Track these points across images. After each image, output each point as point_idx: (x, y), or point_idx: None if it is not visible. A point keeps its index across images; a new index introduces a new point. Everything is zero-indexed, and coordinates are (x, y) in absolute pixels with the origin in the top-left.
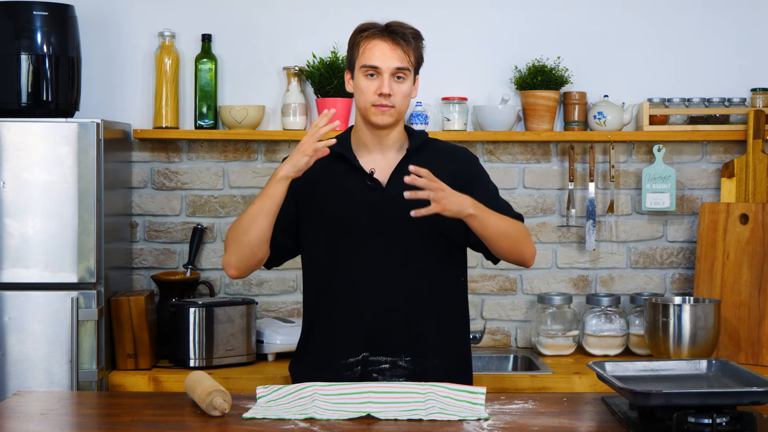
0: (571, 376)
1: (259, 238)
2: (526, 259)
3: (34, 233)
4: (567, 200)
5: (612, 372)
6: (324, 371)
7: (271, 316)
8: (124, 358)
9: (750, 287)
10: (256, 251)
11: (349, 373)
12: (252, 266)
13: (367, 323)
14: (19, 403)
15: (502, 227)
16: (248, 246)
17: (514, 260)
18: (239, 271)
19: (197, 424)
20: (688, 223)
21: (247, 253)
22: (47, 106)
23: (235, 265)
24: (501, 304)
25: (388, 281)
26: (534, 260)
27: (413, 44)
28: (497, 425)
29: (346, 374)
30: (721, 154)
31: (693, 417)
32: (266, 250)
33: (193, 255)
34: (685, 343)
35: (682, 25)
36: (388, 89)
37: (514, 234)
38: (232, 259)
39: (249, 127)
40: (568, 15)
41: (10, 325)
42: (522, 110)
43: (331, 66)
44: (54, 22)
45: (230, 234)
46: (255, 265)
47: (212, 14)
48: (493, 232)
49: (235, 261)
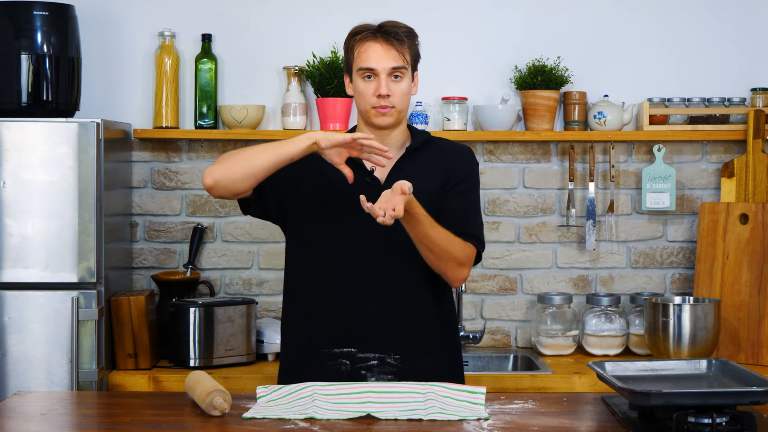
0: (571, 376)
1: (253, 171)
2: (448, 278)
3: (34, 233)
4: (567, 200)
5: (612, 372)
6: (310, 362)
7: (271, 316)
8: (124, 358)
9: (750, 287)
10: (243, 180)
11: (333, 363)
12: (228, 190)
13: (357, 320)
14: (19, 403)
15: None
16: (240, 171)
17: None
18: (216, 186)
19: (197, 424)
20: (688, 223)
21: (235, 177)
22: (47, 106)
23: (217, 179)
24: (501, 304)
25: (380, 278)
26: (459, 285)
27: (407, 42)
28: (497, 425)
29: (330, 364)
30: (721, 153)
31: (693, 417)
32: (248, 188)
33: (193, 255)
34: (685, 343)
35: (683, 25)
36: (386, 90)
37: (441, 252)
38: (217, 173)
39: (249, 127)
40: (568, 15)
41: (10, 325)
42: (522, 110)
43: (331, 66)
44: (54, 22)
45: (230, 155)
46: (231, 192)
47: (212, 14)
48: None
49: (219, 176)
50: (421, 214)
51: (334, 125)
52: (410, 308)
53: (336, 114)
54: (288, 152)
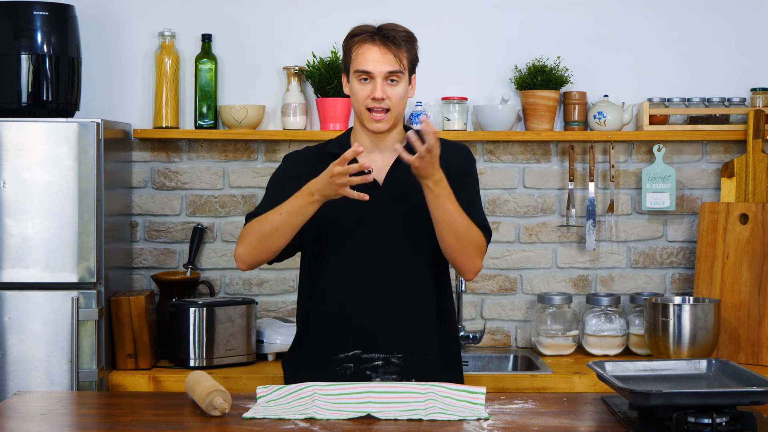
0: (571, 376)
1: (279, 247)
2: (465, 269)
3: (34, 233)
4: (567, 200)
5: (612, 372)
6: (317, 367)
7: (271, 316)
8: (124, 358)
9: (750, 287)
10: (271, 255)
11: (339, 368)
12: (261, 263)
13: (360, 321)
14: (19, 403)
15: (454, 220)
16: (267, 251)
17: (454, 264)
18: (250, 267)
19: (197, 424)
20: (688, 222)
21: (263, 257)
22: (47, 106)
23: (248, 262)
24: (501, 304)
25: (381, 279)
26: (473, 276)
27: (405, 46)
28: (497, 425)
29: (337, 370)
30: (721, 153)
31: (693, 417)
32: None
33: (193, 255)
34: (685, 343)
35: (683, 25)
36: (381, 93)
37: (463, 235)
38: (247, 256)
39: (249, 127)
40: (567, 15)
41: (10, 325)
42: (522, 110)
43: (331, 66)
44: (54, 22)
45: (250, 231)
46: (264, 262)
47: (212, 14)
48: (442, 218)
49: (249, 258)
50: (450, 192)
51: (334, 125)
52: (413, 309)
53: (336, 114)
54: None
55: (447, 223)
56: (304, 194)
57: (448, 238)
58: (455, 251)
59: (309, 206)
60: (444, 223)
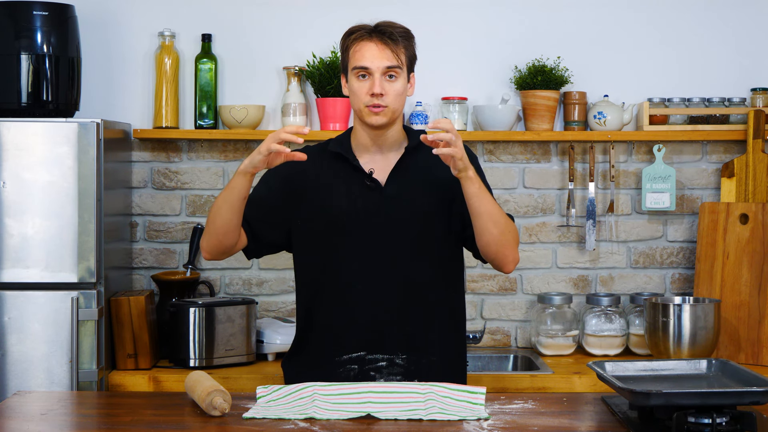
0: (571, 376)
1: (224, 227)
2: (507, 260)
3: (34, 233)
4: (567, 200)
5: (612, 372)
6: (320, 369)
7: (271, 316)
8: (124, 358)
9: (750, 287)
10: (222, 239)
11: (342, 370)
12: (222, 252)
13: (364, 322)
14: (19, 403)
15: (495, 211)
16: (215, 234)
17: (497, 256)
18: (210, 254)
19: (197, 424)
20: (688, 222)
21: (215, 241)
22: (47, 106)
23: (207, 249)
24: (501, 304)
25: (385, 280)
26: (513, 267)
27: (402, 43)
28: (497, 425)
29: (341, 371)
30: (721, 153)
31: (693, 417)
32: (234, 240)
33: (193, 255)
34: (685, 343)
35: (683, 25)
36: (380, 89)
37: (504, 225)
38: (204, 243)
39: (249, 127)
40: (568, 15)
41: (10, 325)
42: (522, 110)
43: (331, 66)
44: (54, 22)
45: (207, 219)
46: (225, 251)
47: (212, 14)
48: (485, 210)
49: (206, 245)
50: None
51: (334, 125)
52: (417, 309)
53: (336, 114)
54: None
55: (490, 215)
56: (237, 171)
57: (494, 230)
58: (499, 243)
59: (237, 178)
60: (487, 215)
